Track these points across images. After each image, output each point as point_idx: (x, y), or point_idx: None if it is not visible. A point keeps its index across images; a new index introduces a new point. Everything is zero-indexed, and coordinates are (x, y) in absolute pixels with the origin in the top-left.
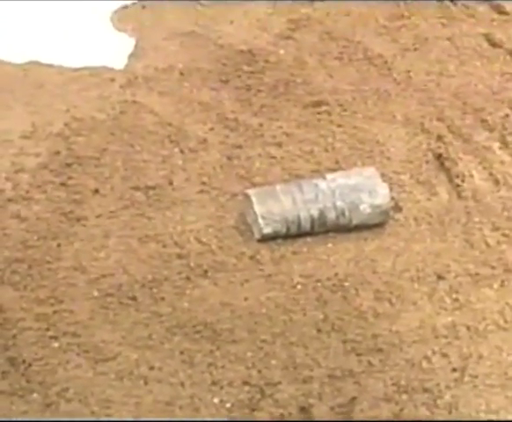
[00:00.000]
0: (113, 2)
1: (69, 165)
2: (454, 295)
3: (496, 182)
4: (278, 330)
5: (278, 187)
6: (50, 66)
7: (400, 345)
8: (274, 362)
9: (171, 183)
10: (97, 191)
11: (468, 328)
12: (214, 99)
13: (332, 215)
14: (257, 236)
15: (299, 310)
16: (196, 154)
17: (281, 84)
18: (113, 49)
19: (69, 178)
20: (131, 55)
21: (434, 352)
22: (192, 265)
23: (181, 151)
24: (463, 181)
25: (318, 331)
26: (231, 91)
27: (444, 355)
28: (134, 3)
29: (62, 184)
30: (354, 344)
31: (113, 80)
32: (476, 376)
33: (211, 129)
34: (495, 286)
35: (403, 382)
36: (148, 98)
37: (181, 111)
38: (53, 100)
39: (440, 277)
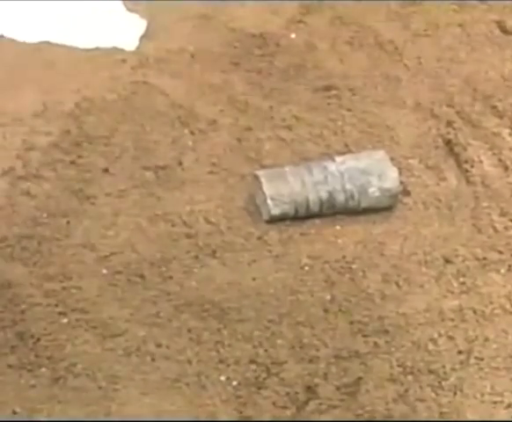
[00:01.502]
0: None
1: (79, 144)
2: (461, 279)
3: (505, 168)
4: (285, 310)
5: (287, 169)
6: (62, 46)
7: (407, 327)
8: (280, 342)
9: (180, 163)
10: (106, 170)
11: (474, 311)
12: (224, 82)
13: (341, 198)
14: (265, 217)
15: (306, 291)
16: (206, 135)
17: (291, 68)
18: (124, 30)
19: (79, 156)
20: (143, 37)
21: (440, 335)
22: (200, 244)
23: (191, 132)
24: (472, 167)
25: (325, 311)
26: (242, 74)
27: (450, 338)
28: None
29: (72, 162)
30: (361, 325)
31: (124, 61)
32: (481, 359)
33: (221, 111)
34: (502, 270)
35: (409, 364)
36: (159, 80)
37: (192, 92)
38: (64, 80)
39: (447, 261)
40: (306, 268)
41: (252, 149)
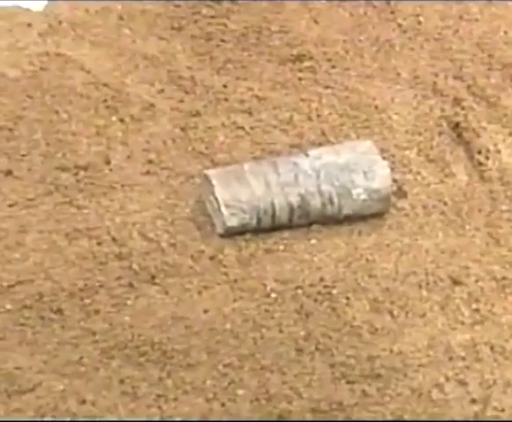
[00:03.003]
0: None
1: None
2: (474, 306)
3: None
4: (246, 351)
5: (246, 167)
6: None
7: (404, 369)
8: (241, 392)
9: (107, 162)
10: (10, 172)
11: (492, 347)
12: (163, 52)
13: (316, 203)
14: (219, 230)
15: (274, 326)
16: (141, 124)
17: (251, 33)
18: None
19: None
20: None
21: (447, 379)
22: (135, 267)
23: (121, 120)
24: (487, 158)
25: (299, 351)
26: (186, 42)
27: (461, 382)
28: None
29: None
30: (345, 368)
31: (29, 25)
32: (502, 410)
33: (160, 91)
34: None
35: (407, 417)
36: (76, 51)
37: (121, 67)
38: None
39: (456, 282)
40: (273, 296)
41: (202, 140)
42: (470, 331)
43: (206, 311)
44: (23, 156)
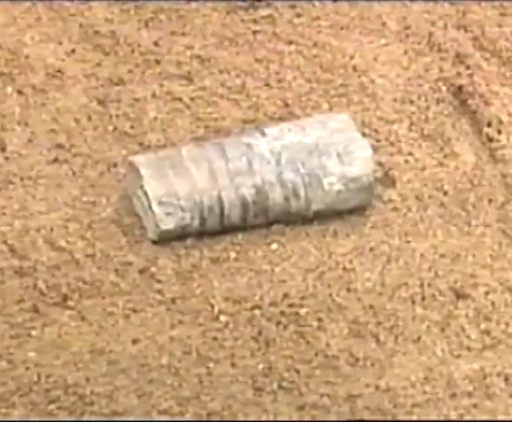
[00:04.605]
0: None
1: None
2: (483, 325)
3: None
4: (189, 392)
5: (185, 151)
6: None
7: (394, 411)
8: None
9: (2, 148)
10: None
11: (506, 379)
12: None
13: (276, 196)
14: (151, 234)
15: (224, 358)
16: (45, 95)
17: None
18: None
19: None
20: None
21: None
22: (41, 286)
23: (19, 92)
24: (499, 132)
25: (257, 391)
26: None
27: None
28: None
29: None
30: (317, 411)
31: None
32: None
33: (70, 53)
34: None
35: None
36: None
37: (18, 22)
38: None
39: (460, 295)
40: (223, 319)
41: (126, 117)
42: (478, 358)
43: (135, 342)
44: None
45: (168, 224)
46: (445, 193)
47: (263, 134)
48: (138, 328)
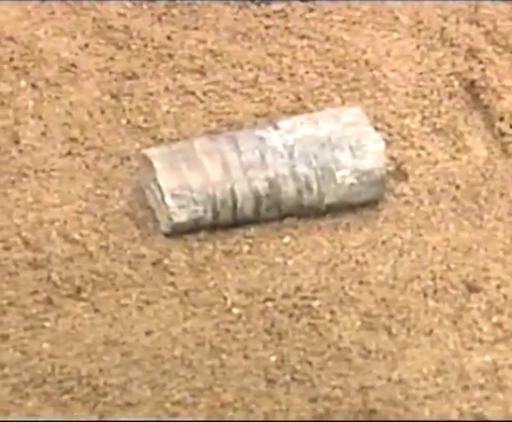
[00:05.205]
0: None
1: None
2: (495, 318)
3: None
4: (202, 383)
5: (198, 144)
6: None
7: (406, 402)
8: None
9: (16, 141)
10: None
11: None
12: None
13: (289, 190)
14: (164, 227)
15: (237, 350)
16: (59, 89)
17: None
18: None
19: None
20: None
21: (462, 414)
22: (55, 278)
23: (33, 86)
24: (511, 126)
25: (269, 382)
26: None
27: (479, 417)
28: None
29: None
30: (330, 403)
31: None
32: None
33: (84, 47)
34: None
35: None
36: None
37: (31, 15)
38: None
39: (472, 289)
40: (236, 311)
41: (139, 110)
42: (490, 351)
43: (148, 333)
44: None
45: (181, 217)
46: (457, 187)
47: (276, 127)
48: (151, 320)
